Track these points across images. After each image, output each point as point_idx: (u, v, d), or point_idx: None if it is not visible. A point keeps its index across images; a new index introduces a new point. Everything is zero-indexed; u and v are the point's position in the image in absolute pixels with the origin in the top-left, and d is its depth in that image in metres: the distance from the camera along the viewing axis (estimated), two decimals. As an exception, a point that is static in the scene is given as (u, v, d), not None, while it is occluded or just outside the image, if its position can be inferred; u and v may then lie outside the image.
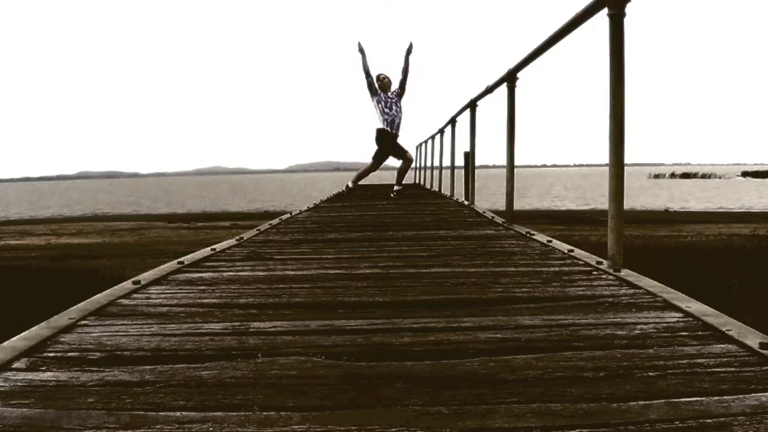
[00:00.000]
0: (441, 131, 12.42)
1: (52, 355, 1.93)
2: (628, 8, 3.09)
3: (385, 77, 10.17)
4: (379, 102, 10.09)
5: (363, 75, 10.10)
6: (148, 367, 1.80)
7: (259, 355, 1.91)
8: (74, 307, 2.49)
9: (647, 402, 1.48)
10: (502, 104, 6.03)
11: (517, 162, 5.92)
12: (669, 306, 2.41)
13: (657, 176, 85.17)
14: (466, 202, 9.62)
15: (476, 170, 9.35)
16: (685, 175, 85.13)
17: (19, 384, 1.68)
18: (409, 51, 10.21)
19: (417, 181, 20.27)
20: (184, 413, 1.47)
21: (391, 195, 10.69)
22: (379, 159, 10.39)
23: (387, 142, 10.21)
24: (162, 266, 3.59)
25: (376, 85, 10.12)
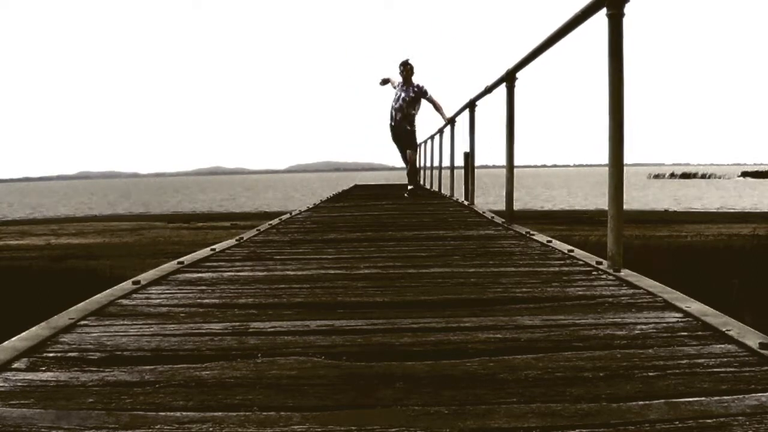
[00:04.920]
0: (440, 131, 12.41)
1: (52, 355, 1.93)
2: (627, 8, 3.09)
3: (407, 66, 10.47)
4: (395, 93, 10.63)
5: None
6: (148, 367, 1.80)
7: (259, 355, 1.91)
8: (74, 307, 2.49)
9: (647, 402, 1.48)
10: (502, 104, 6.04)
11: (516, 162, 5.92)
12: (669, 306, 2.41)
13: (657, 176, 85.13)
14: (465, 202, 9.62)
15: (476, 170, 9.35)
16: (685, 175, 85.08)
17: (19, 384, 1.68)
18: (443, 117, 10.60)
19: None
20: (184, 413, 1.47)
21: (405, 195, 11.08)
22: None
23: (392, 133, 10.71)
24: (162, 266, 3.59)
25: (394, 79, 10.67)
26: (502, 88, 6.02)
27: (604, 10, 3.17)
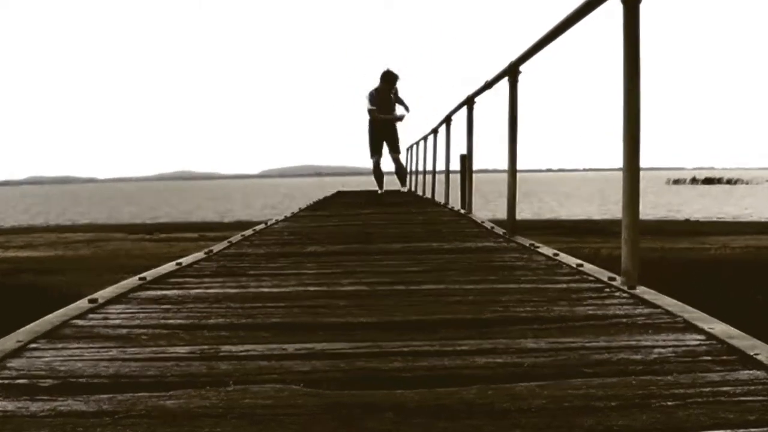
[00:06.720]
0: (434, 131, 12.42)
1: (-4, 382, 1.92)
2: (645, -6, 3.09)
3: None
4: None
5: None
6: (105, 395, 1.80)
7: (231, 382, 1.90)
8: (23, 329, 2.48)
9: (665, 434, 1.49)
10: (503, 101, 6.04)
11: (519, 166, 5.93)
12: (690, 327, 2.41)
13: (676, 181, 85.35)
14: (462, 211, 9.63)
15: (474, 175, 9.37)
16: (708, 180, 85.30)
17: (-40, 415, 1.67)
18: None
19: (408, 187, 20.27)
20: (145, 448, 1.47)
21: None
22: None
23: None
24: (122, 283, 3.59)
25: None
26: (504, 84, 6.01)
27: (618, -4, 3.16)
